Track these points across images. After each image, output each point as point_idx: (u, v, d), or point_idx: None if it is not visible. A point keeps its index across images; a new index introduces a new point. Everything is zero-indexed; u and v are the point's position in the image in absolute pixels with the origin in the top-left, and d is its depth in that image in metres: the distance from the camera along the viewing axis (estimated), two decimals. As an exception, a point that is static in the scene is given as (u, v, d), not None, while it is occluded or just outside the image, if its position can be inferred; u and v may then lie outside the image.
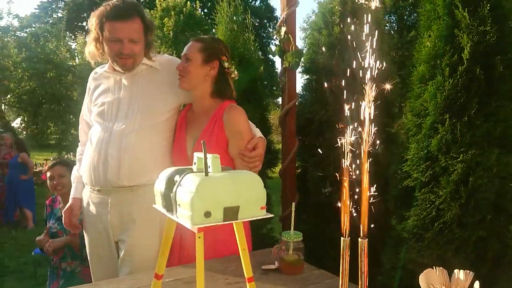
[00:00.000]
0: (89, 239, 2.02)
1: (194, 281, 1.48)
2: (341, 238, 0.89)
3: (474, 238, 1.87)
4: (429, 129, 1.97)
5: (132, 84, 1.93)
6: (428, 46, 2.00)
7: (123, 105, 1.91)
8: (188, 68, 1.84)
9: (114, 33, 1.79)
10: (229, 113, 1.84)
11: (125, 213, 1.87)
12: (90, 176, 1.90)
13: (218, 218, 1.13)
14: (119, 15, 1.78)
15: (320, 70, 2.62)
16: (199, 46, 1.86)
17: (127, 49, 1.81)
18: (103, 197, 1.90)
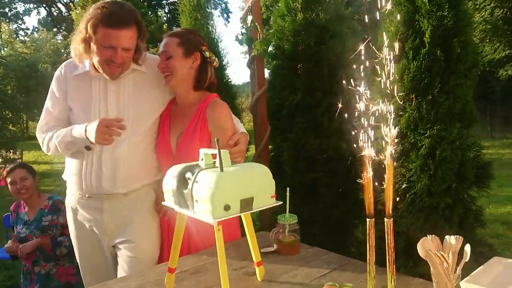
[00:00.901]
0: (81, 248, 1.94)
1: (200, 271, 1.57)
2: (367, 219, 0.99)
3: (442, 205, 2.07)
4: (396, 108, 2.12)
5: (119, 89, 1.82)
6: (392, 31, 2.14)
7: (112, 113, 1.79)
8: (172, 64, 1.81)
9: (108, 40, 1.65)
10: (212, 108, 1.84)
11: (120, 216, 1.84)
12: (80, 184, 1.82)
13: (236, 210, 1.19)
14: (116, 23, 1.64)
15: (287, 56, 2.70)
16: (176, 41, 1.82)
17: (119, 58, 1.69)
18: (94, 202, 1.84)
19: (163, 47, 1.84)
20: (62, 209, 2.97)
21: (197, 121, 1.84)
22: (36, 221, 2.95)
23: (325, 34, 2.57)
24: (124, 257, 1.86)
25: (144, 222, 1.87)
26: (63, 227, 2.95)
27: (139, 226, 1.86)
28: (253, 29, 2.56)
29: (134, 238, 1.85)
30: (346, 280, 1.42)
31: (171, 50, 1.82)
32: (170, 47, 1.83)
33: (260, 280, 1.46)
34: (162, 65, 1.83)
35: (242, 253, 1.73)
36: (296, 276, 1.49)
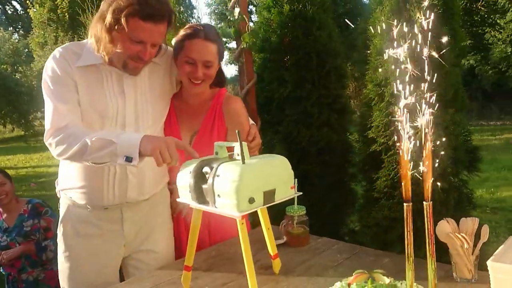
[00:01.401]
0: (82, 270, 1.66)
1: (213, 267, 1.54)
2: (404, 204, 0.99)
3: (438, 190, 2.11)
4: (390, 96, 2.15)
5: (136, 83, 1.62)
6: (383, 20, 2.16)
7: (130, 111, 1.60)
8: (211, 73, 1.68)
9: (140, 33, 1.45)
10: (229, 104, 1.78)
11: (141, 223, 1.69)
12: (99, 196, 1.59)
13: (259, 203, 1.18)
14: (152, 16, 1.43)
15: (274, 49, 2.68)
16: (215, 48, 1.68)
17: (148, 55, 1.51)
18: (112, 213, 1.63)
19: (205, 56, 1.65)
20: (43, 212, 2.88)
21: (214, 117, 1.77)
22: (17, 228, 2.83)
23: (312, 25, 2.57)
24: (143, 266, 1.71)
25: (164, 229, 1.77)
26: (46, 230, 2.85)
27: (160, 233, 1.75)
28: (240, 21, 2.53)
29: (157, 247, 1.73)
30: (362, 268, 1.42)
31: (213, 60, 1.68)
32: (212, 56, 1.67)
33: (277, 273, 1.44)
34: (200, 73, 1.65)
35: (252, 247, 1.70)
36: (311, 267, 1.48)
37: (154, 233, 1.73)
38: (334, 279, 1.37)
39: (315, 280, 1.38)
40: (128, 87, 1.59)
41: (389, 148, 2.20)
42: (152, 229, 1.73)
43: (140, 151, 1.35)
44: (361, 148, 2.46)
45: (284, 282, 1.38)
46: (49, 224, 2.86)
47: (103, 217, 1.64)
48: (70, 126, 1.47)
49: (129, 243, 1.69)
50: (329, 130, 2.60)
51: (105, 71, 1.56)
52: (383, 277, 1.08)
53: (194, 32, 1.67)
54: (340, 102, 2.67)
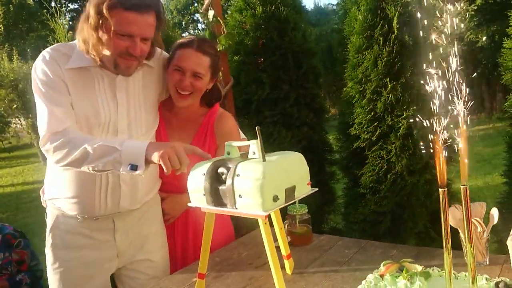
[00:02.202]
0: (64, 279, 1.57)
1: (222, 274, 1.49)
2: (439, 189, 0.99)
3: (422, 182, 2.18)
4: (372, 93, 2.20)
5: (128, 87, 1.53)
6: (360, 19, 2.21)
7: (122, 118, 1.51)
8: (200, 86, 1.62)
9: (126, 25, 1.36)
10: (222, 121, 1.74)
11: (133, 233, 1.61)
12: (90, 206, 1.51)
13: (281, 201, 1.14)
14: (134, 5, 1.35)
15: (249, 51, 2.66)
16: (208, 61, 1.64)
17: (138, 50, 1.40)
18: (103, 223, 1.55)
19: (196, 66, 1.60)
20: (14, 245, 2.59)
21: (205, 135, 1.73)
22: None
23: (287, 26, 2.58)
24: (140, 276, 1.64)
25: (158, 237, 1.69)
26: (19, 264, 2.59)
27: (154, 242, 1.67)
28: (215, 24, 2.49)
29: (152, 256, 1.65)
30: (373, 260, 1.43)
31: (203, 72, 1.63)
32: (203, 68, 1.62)
33: (291, 273, 1.41)
34: (187, 83, 1.59)
35: (253, 250, 1.67)
36: (324, 264, 1.47)
37: (148, 242, 1.66)
38: (350, 274, 1.37)
39: (331, 276, 1.36)
40: (120, 91, 1.51)
41: (372, 144, 2.25)
42: (146, 238, 1.65)
43: (146, 159, 1.28)
44: (342, 146, 2.49)
45: (302, 281, 1.35)
46: (23, 256, 2.59)
47: (94, 227, 1.55)
48: (69, 131, 1.37)
49: (122, 253, 1.60)
50: (309, 129, 2.62)
51: (97, 74, 1.47)
52: (414, 265, 1.08)
53: (187, 41, 1.65)
54: (318, 102, 2.70)
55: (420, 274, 1.03)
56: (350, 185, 2.50)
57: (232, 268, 1.52)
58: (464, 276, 1.03)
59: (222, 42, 2.47)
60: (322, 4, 25.81)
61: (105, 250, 1.57)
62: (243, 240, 1.79)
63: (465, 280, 1.02)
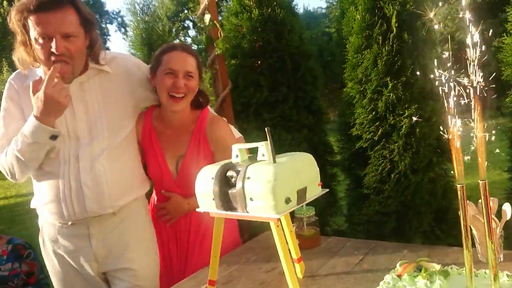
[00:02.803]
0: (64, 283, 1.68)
1: (231, 280, 1.46)
2: (457, 185, 0.97)
3: (426, 180, 2.17)
4: (373, 93, 2.19)
5: (85, 95, 1.57)
6: (358, 19, 2.20)
7: (81, 124, 1.56)
8: (192, 86, 1.63)
9: (41, 28, 1.39)
10: (213, 128, 1.71)
11: (112, 240, 1.62)
12: (60, 211, 1.55)
13: (293, 202, 1.12)
14: (44, 4, 1.38)
15: (246, 54, 2.64)
16: (195, 61, 1.67)
17: (60, 47, 1.41)
18: (79, 229, 1.59)
19: (186, 65, 1.63)
20: (25, 255, 2.52)
21: (199, 142, 1.71)
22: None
23: (284, 28, 2.56)
24: (123, 284, 1.65)
25: (141, 245, 1.67)
26: (28, 276, 2.50)
27: (136, 250, 1.65)
28: (211, 28, 2.47)
29: (133, 265, 1.64)
30: (386, 260, 1.40)
31: (194, 71, 1.65)
32: (193, 67, 1.65)
33: (302, 277, 1.38)
34: (181, 84, 1.60)
35: (261, 254, 1.64)
36: (335, 266, 1.44)
37: (129, 250, 1.65)
38: (363, 275, 1.35)
39: (343, 278, 1.34)
40: (76, 100, 1.55)
41: (375, 144, 2.23)
42: (126, 246, 1.65)
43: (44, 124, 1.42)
44: (344, 147, 2.47)
45: (314, 285, 1.33)
46: (32, 268, 2.51)
47: (72, 233, 1.61)
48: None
49: (102, 260, 1.63)
50: (309, 131, 2.60)
51: None
52: (432, 264, 1.06)
53: (171, 46, 1.69)
54: (317, 104, 2.68)
55: (439, 273, 1.01)
56: (352, 186, 2.48)
57: (241, 273, 1.49)
58: (483, 273, 1.02)
59: (219, 45, 2.45)
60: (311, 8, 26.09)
61: (83, 256, 1.62)
62: (250, 245, 1.76)
63: (485, 278, 1.00)
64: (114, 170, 1.59)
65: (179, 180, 1.71)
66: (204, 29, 2.50)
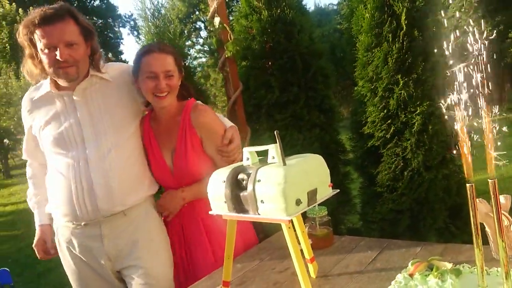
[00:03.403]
0: (84, 284, 1.78)
1: (244, 280, 1.48)
2: (467, 184, 0.98)
3: (440, 177, 2.16)
4: (384, 91, 2.18)
5: (87, 100, 1.70)
6: (367, 17, 2.20)
7: (86, 126, 1.68)
8: (174, 84, 1.71)
9: (45, 39, 1.56)
10: (196, 114, 1.75)
11: (123, 240, 1.70)
12: (73, 211, 1.65)
13: (304, 204, 1.13)
14: (46, 18, 1.56)
15: (256, 55, 2.66)
16: (172, 58, 1.73)
17: (64, 54, 1.57)
18: (92, 230, 1.69)
19: (164, 66, 1.69)
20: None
21: (185, 131, 1.76)
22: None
23: (293, 28, 2.57)
24: (136, 285, 1.70)
25: (150, 244, 1.72)
26: None
27: (145, 248, 1.71)
28: (221, 31, 2.49)
29: (142, 262, 1.70)
30: (399, 259, 1.41)
31: (172, 69, 1.71)
32: (171, 66, 1.71)
33: (315, 277, 1.40)
34: (163, 85, 1.67)
35: (274, 254, 1.66)
36: (348, 265, 1.45)
37: (137, 249, 1.71)
38: (376, 274, 1.35)
39: (357, 278, 1.35)
40: (80, 106, 1.68)
41: (387, 142, 2.23)
42: (136, 245, 1.71)
43: None
44: (356, 146, 2.47)
45: (327, 284, 1.34)
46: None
47: (85, 234, 1.70)
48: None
49: (114, 259, 1.72)
50: (321, 131, 2.60)
51: (57, 96, 1.70)
52: (444, 263, 1.06)
53: (148, 48, 1.74)
54: (328, 103, 2.68)
55: (451, 271, 1.01)
56: (366, 184, 2.48)
57: (255, 274, 1.51)
58: (496, 271, 1.01)
59: (229, 48, 2.47)
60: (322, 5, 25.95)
61: (99, 256, 1.70)
62: (264, 246, 1.78)
63: (497, 276, 1.00)
64: (122, 168, 1.69)
65: (176, 173, 1.76)
66: (214, 32, 2.52)
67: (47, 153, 1.76)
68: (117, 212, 1.68)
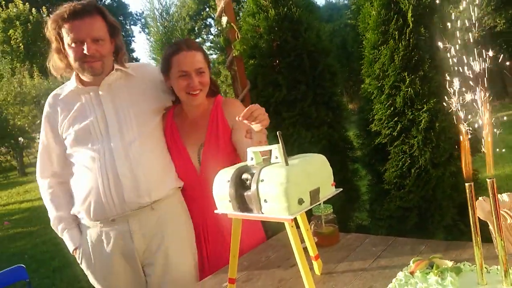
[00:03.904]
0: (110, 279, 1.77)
1: (251, 277, 1.50)
2: (466, 184, 0.99)
3: (447, 174, 2.16)
4: (390, 88, 2.18)
5: (112, 94, 1.74)
6: (374, 14, 2.20)
7: (111, 119, 1.71)
8: (206, 81, 1.73)
9: (73, 34, 1.60)
10: (229, 105, 1.80)
11: (151, 235, 1.72)
12: (101, 206, 1.66)
13: (307, 203, 1.15)
14: (76, 13, 1.60)
15: (264, 54, 2.67)
16: (202, 56, 1.75)
17: (91, 49, 1.61)
18: (120, 227, 1.70)
19: (195, 64, 1.71)
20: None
21: (217, 122, 1.78)
22: None
23: (300, 27, 2.58)
24: (157, 279, 1.73)
25: (177, 239, 1.75)
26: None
27: (172, 245, 1.74)
28: (229, 30, 2.52)
29: (168, 259, 1.73)
30: (402, 257, 1.42)
31: (203, 66, 1.74)
32: (202, 63, 1.74)
33: (320, 274, 1.42)
34: (196, 83, 1.70)
35: (281, 252, 1.68)
36: (353, 263, 1.47)
37: (164, 245, 1.73)
38: (380, 271, 1.37)
39: (360, 275, 1.36)
40: (106, 101, 1.72)
41: (394, 139, 2.23)
42: (163, 241, 1.73)
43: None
44: (364, 143, 2.48)
45: (331, 281, 1.36)
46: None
47: (113, 230, 1.71)
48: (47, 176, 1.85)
49: (141, 255, 1.74)
50: (329, 128, 2.61)
51: (83, 92, 1.74)
52: (445, 261, 1.08)
53: (176, 47, 1.74)
54: (335, 100, 2.69)
55: (451, 269, 1.02)
56: (374, 181, 2.49)
57: (261, 271, 1.53)
58: (496, 269, 1.02)
59: (237, 47, 2.50)
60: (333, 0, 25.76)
61: (128, 252, 1.72)
62: (271, 243, 1.80)
63: (497, 274, 1.01)
64: (147, 158, 1.71)
65: (203, 171, 1.76)
66: (221, 31, 2.55)
67: (71, 152, 1.75)
68: (145, 204, 1.69)
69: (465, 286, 0.99)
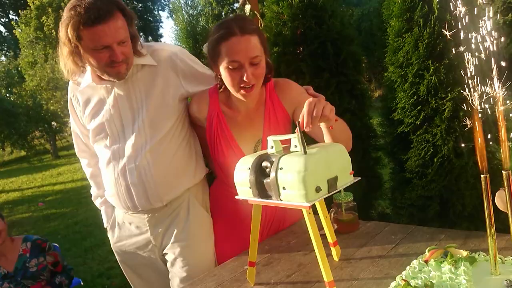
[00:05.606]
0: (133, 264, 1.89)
1: (271, 261, 1.55)
2: (481, 175, 1.00)
3: (470, 164, 2.14)
4: (414, 76, 2.17)
5: (129, 92, 1.66)
6: (398, 2, 2.17)
7: (127, 120, 1.67)
8: (261, 72, 1.50)
9: (98, 40, 1.46)
10: (282, 89, 1.63)
11: (165, 228, 1.78)
12: (119, 204, 1.76)
13: (324, 191, 1.19)
14: (98, 17, 1.42)
15: (288, 41, 2.68)
16: (257, 40, 1.47)
17: (119, 55, 1.50)
18: (138, 218, 1.79)
19: (250, 52, 1.44)
20: (46, 248, 2.63)
21: (275, 114, 1.63)
22: (22, 271, 2.51)
23: (324, 14, 2.57)
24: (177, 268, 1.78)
25: (196, 228, 1.79)
26: (55, 265, 2.66)
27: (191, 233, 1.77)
28: (252, 18, 2.54)
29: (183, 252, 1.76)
30: (420, 245, 1.44)
31: (259, 54, 1.47)
32: (257, 50, 1.46)
33: (338, 260, 1.46)
34: (249, 75, 1.46)
35: (301, 237, 1.72)
36: (371, 250, 1.50)
37: (180, 238, 1.77)
38: (397, 259, 1.39)
39: (378, 262, 1.40)
40: (121, 97, 1.67)
41: (417, 128, 2.22)
42: (181, 231, 1.77)
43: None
44: (386, 131, 2.47)
45: (348, 267, 1.40)
46: (56, 257, 2.67)
47: (133, 220, 1.81)
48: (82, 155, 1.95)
49: (158, 245, 1.81)
50: (352, 116, 2.61)
51: (100, 87, 1.68)
52: (460, 250, 1.10)
53: (226, 30, 1.46)
54: (359, 88, 2.69)
55: (465, 259, 1.04)
56: (396, 170, 2.48)
57: (281, 255, 1.59)
58: (510, 260, 1.04)
59: (260, 35, 2.52)
60: (362, -17, 24.97)
61: (143, 240, 1.81)
62: (292, 229, 1.84)
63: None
64: (158, 164, 1.66)
65: None
66: (245, 19, 2.57)
67: (94, 144, 1.79)
68: (158, 207, 1.73)
69: (478, 276, 1.01)
